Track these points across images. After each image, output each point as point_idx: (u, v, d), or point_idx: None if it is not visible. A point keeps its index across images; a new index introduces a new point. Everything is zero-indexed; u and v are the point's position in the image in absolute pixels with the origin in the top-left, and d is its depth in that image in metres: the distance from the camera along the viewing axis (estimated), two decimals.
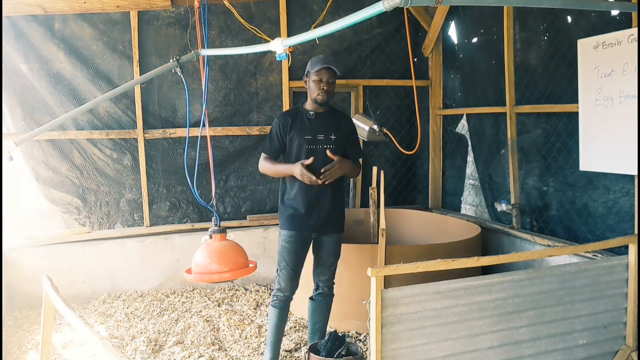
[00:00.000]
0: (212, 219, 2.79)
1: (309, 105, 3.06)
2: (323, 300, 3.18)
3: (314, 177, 2.88)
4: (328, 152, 2.96)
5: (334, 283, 3.21)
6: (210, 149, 3.29)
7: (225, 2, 4.43)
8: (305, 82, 3.07)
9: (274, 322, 3.09)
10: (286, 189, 3.10)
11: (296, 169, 2.91)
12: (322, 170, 2.92)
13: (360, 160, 3.29)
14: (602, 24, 3.32)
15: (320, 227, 3.05)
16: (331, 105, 3.19)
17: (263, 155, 3.13)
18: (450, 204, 5.21)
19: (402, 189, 5.28)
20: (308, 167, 2.93)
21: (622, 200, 3.33)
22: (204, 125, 2.92)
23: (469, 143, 5.26)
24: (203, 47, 3.18)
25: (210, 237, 2.81)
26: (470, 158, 5.49)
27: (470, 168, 5.62)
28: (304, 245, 3.08)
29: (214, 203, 2.98)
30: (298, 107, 3.14)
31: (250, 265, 2.82)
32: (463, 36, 4.88)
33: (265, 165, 3.11)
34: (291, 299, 3.12)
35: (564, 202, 3.78)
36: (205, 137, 3.28)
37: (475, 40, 4.73)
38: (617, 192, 3.36)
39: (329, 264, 3.14)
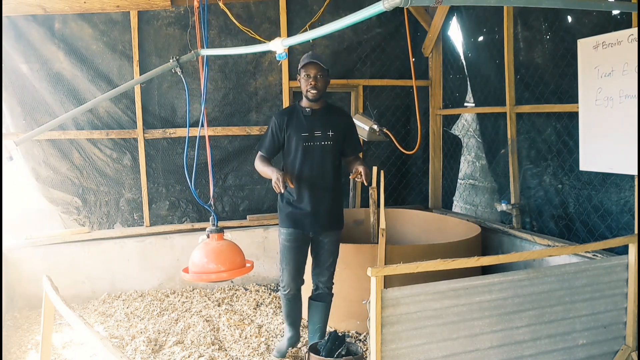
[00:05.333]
0: (210, 218, 2.79)
1: (304, 102, 3.10)
2: (323, 300, 3.21)
3: (283, 190, 2.85)
4: (351, 176, 2.96)
5: (333, 283, 3.22)
6: (209, 148, 3.31)
7: (220, 3, 4.42)
8: (298, 80, 3.10)
9: (283, 307, 3.29)
10: (287, 188, 3.11)
11: (274, 175, 2.89)
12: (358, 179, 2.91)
13: (360, 154, 3.36)
14: (605, 23, 3.32)
15: (322, 226, 3.09)
16: (328, 102, 3.21)
17: (259, 153, 3.16)
18: (450, 204, 5.21)
19: (402, 189, 5.27)
20: (304, 169, 3.01)
21: (623, 200, 3.33)
22: (202, 125, 2.93)
23: (466, 143, 5.27)
24: (202, 47, 3.18)
25: (208, 236, 2.80)
26: (470, 157, 5.49)
27: (470, 168, 5.61)
28: (304, 243, 3.13)
29: (212, 203, 2.98)
30: (295, 105, 3.17)
31: (247, 264, 2.82)
32: (463, 36, 4.87)
33: (257, 164, 3.14)
34: (299, 290, 3.24)
35: (564, 202, 3.77)
36: (204, 136, 3.28)
37: (475, 40, 4.73)
38: (618, 192, 3.36)
39: (327, 265, 3.16)
